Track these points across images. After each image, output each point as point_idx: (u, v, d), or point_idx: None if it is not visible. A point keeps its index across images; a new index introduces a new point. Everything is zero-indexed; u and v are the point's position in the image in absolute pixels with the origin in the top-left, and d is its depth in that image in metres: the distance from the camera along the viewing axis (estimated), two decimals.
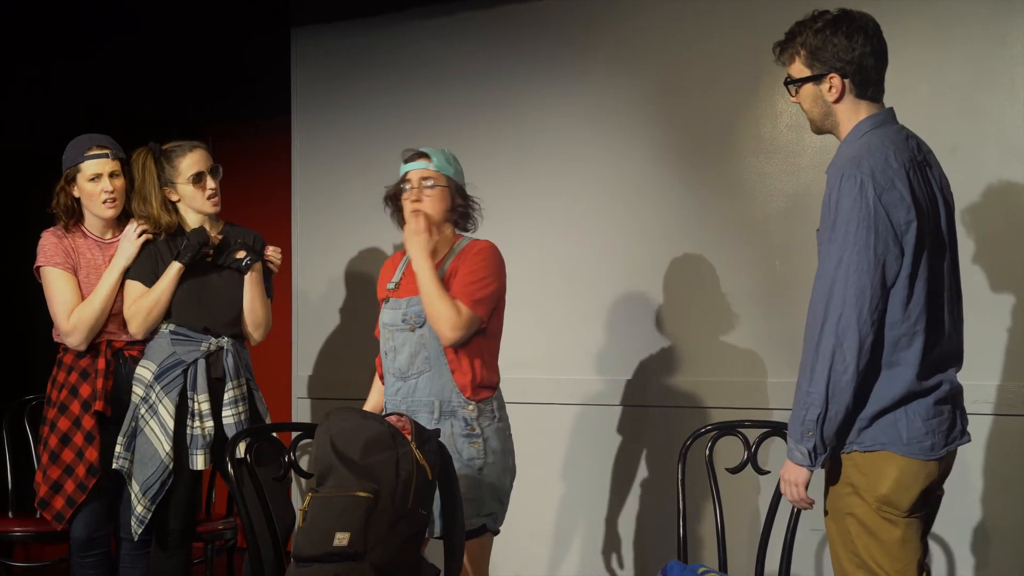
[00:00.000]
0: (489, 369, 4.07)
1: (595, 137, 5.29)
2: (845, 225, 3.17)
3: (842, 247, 3.17)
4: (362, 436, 3.51)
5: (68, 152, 4.53)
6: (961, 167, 4.56)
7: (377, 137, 5.81)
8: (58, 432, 4.47)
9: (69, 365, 4.53)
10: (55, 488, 4.45)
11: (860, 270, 3.15)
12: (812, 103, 3.40)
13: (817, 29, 3.34)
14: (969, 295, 4.52)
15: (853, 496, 3.27)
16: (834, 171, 3.26)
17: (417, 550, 3.54)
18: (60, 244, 4.52)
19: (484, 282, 4.01)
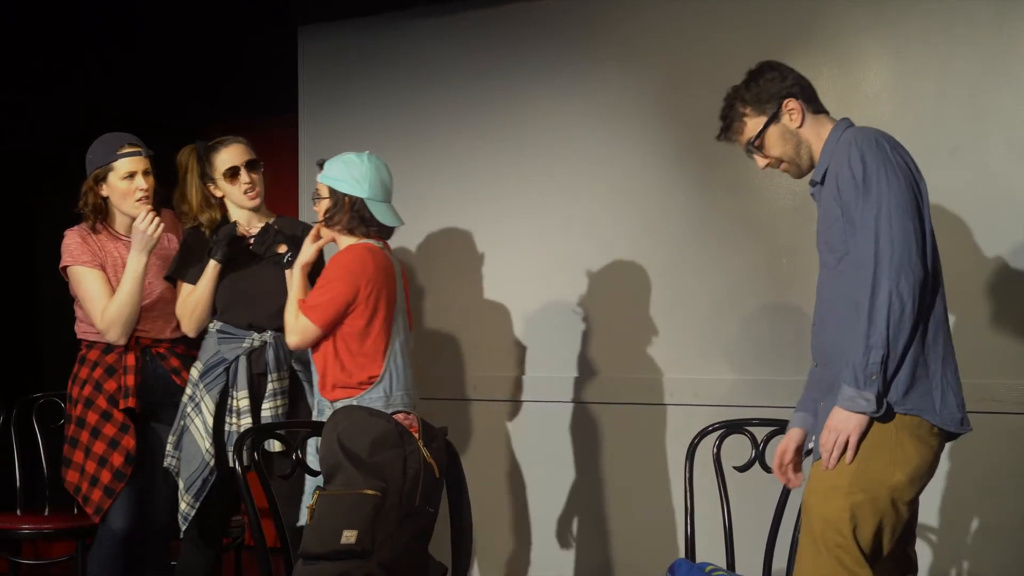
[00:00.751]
0: (347, 371, 4.11)
1: (600, 136, 5.28)
2: (876, 177, 3.26)
3: (878, 197, 3.25)
4: (369, 434, 3.51)
5: (96, 151, 4.47)
6: (967, 166, 4.57)
7: (383, 135, 5.80)
8: (87, 427, 4.42)
9: (94, 361, 4.48)
10: (92, 482, 4.39)
11: (901, 212, 3.23)
12: (782, 142, 3.53)
13: (747, 83, 3.57)
14: (976, 293, 4.53)
15: (894, 466, 3.25)
16: (842, 150, 3.36)
17: (424, 548, 3.55)
18: (85, 243, 4.48)
19: (322, 288, 4.11)
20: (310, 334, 4.09)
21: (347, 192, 4.13)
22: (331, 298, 4.06)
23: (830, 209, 3.40)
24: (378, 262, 4.13)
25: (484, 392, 5.54)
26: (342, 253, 4.13)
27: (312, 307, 4.07)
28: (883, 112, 4.71)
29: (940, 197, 4.60)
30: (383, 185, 4.19)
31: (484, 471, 5.53)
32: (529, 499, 5.48)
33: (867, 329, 3.19)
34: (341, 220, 4.15)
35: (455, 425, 5.52)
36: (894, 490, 3.24)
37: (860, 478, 3.24)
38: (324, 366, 4.13)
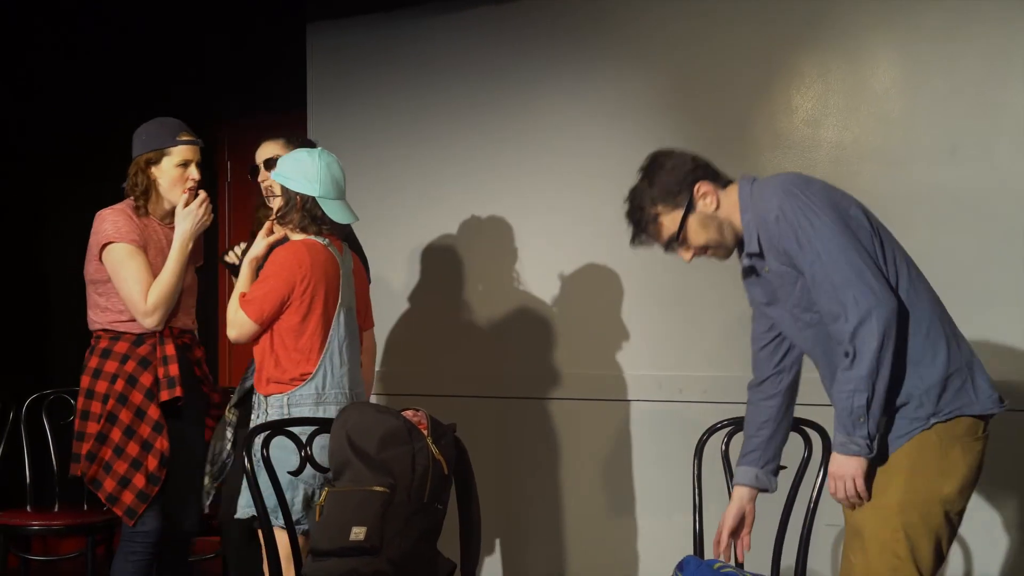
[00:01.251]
0: (281, 366, 4.10)
1: (609, 134, 5.29)
2: (800, 228, 3.22)
3: (811, 247, 3.21)
4: (378, 431, 3.52)
5: (152, 133, 4.38)
6: (975, 163, 4.56)
7: (391, 131, 5.81)
8: (120, 424, 4.30)
9: (123, 354, 4.35)
10: (123, 483, 4.28)
11: (839, 249, 3.19)
12: (704, 230, 3.42)
13: (649, 180, 3.45)
14: (982, 290, 4.53)
15: (943, 478, 3.24)
16: (761, 214, 3.31)
17: (433, 545, 3.55)
18: (132, 221, 4.35)
19: (259, 284, 4.11)
20: (247, 328, 4.09)
21: (298, 191, 4.11)
22: (265, 293, 4.06)
23: (786, 274, 3.34)
24: (316, 258, 4.09)
25: (492, 389, 5.55)
26: (281, 249, 4.12)
27: (248, 301, 4.08)
28: (892, 109, 4.71)
29: (947, 194, 4.61)
30: (335, 182, 4.15)
31: (493, 468, 5.53)
32: (537, 496, 5.48)
33: (848, 373, 3.17)
34: (293, 218, 4.13)
35: (464, 422, 5.53)
36: (945, 502, 3.23)
37: (910, 496, 3.22)
38: (261, 360, 4.14)
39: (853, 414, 3.18)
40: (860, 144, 4.77)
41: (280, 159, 4.20)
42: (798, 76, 4.90)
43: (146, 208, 4.41)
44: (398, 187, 5.71)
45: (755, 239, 3.36)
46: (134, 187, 4.38)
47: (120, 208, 4.40)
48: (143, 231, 4.38)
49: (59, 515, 5.20)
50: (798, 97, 4.88)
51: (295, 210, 4.11)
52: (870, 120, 4.76)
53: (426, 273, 5.72)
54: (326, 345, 4.11)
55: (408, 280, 5.71)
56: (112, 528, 5.12)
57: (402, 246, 5.75)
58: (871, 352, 3.14)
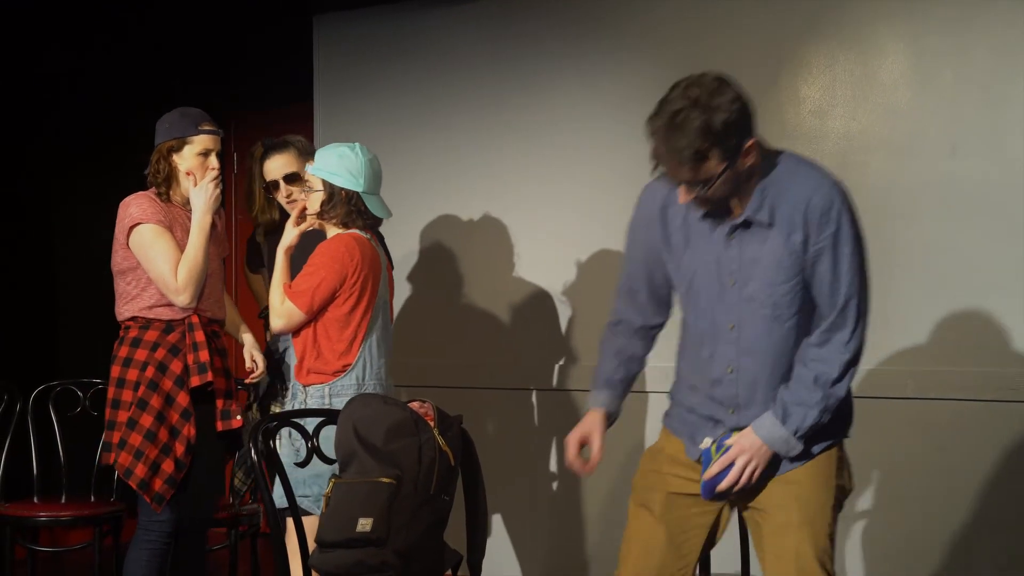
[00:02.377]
0: (323, 358, 4.15)
1: (617, 124, 5.28)
2: (849, 226, 3.13)
3: (848, 245, 3.14)
4: (384, 422, 3.52)
5: (174, 122, 4.39)
6: (984, 154, 4.56)
7: (398, 124, 5.82)
8: (151, 411, 4.29)
9: (153, 342, 4.34)
10: (153, 468, 4.28)
11: (863, 265, 3.19)
12: (726, 184, 3.11)
13: (708, 114, 3.07)
14: (993, 281, 4.52)
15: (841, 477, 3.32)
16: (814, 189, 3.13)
17: (440, 536, 3.55)
18: (155, 203, 4.36)
19: (309, 275, 4.13)
20: (295, 319, 4.14)
21: (344, 187, 4.16)
22: (317, 284, 4.10)
23: (772, 253, 3.16)
24: (365, 251, 4.17)
25: (499, 380, 5.55)
26: (331, 241, 4.17)
27: (299, 293, 4.11)
28: (900, 100, 4.70)
29: (954, 185, 4.60)
30: (377, 178, 4.25)
31: (500, 459, 5.54)
32: (544, 487, 5.49)
33: (828, 390, 3.16)
34: (338, 213, 4.18)
35: (470, 413, 5.53)
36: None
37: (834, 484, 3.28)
38: (303, 351, 4.18)
39: (806, 421, 3.16)
40: (867, 135, 4.76)
41: (319, 153, 4.23)
42: (805, 67, 4.89)
43: (168, 195, 4.42)
44: (405, 178, 5.71)
45: (766, 209, 3.13)
46: (156, 175, 4.40)
47: (143, 194, 4.41)
48: (168, 213, 4.38)
49: (66, 506, 5.21)
50: (805, 88, 4.87)
51: (340, 205, 4.18)
52: (877, 111, 4.76)
53: (432, 264, 5.73)
54: (366, 338, 4.18)
55: (414, 271, 5.71)
56: (119, 519, 5.13)
57: (409, 238, 5.76)
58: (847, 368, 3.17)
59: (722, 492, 3.21)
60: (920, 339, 4.64)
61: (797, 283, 3.15)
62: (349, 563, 3.41)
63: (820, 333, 3.16)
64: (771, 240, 3.15)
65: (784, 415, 3.17)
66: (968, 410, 4.55)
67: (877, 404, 4.70)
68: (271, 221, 4.74)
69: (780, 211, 3.13)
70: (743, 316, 3.22)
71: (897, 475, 4.68)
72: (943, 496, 4.60)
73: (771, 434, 3.18)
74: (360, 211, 4.20)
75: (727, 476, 3.19)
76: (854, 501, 4.75)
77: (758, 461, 3.19)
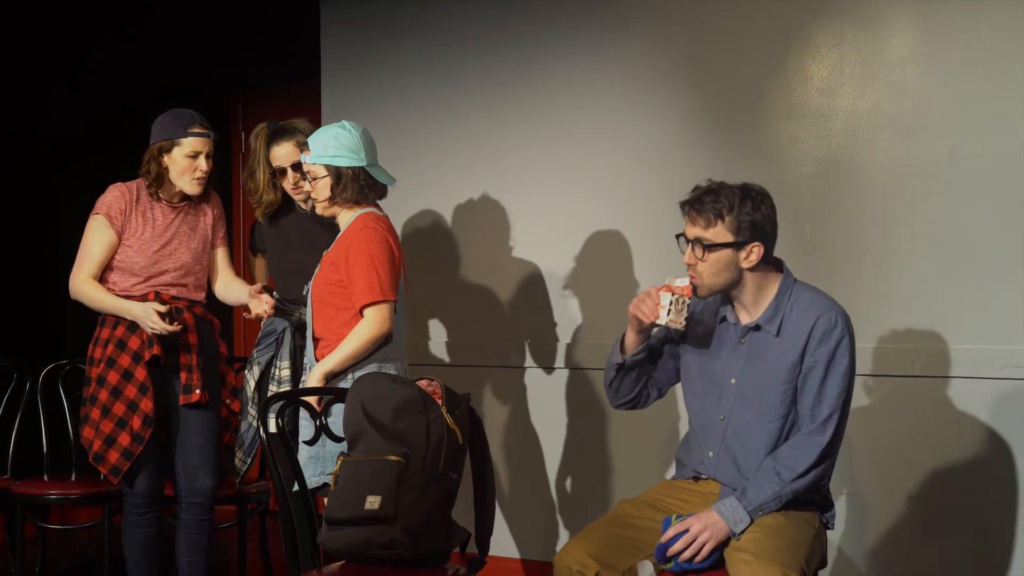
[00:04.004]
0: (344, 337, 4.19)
1: (624, 103, 5.27)
2: (846, 357, 3.53)
3: (839, 375, 3.52)
4: (393, 400, 3.53)
5: (166, 123, 4.52)
6: (992, 133, 4.54)
7: (406, 103, 5.81)
8: (108, 386, 4.50)
9: (115, 321, 4.55)
10: (108, 442, 4.47)
11: (846, 393, 3.55)
12: (723, 271, 3.58)
13: (744, 199, 3.52)
14: (1004, 259, 4.51)
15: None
16: (824, 311, 3.54)
17: (448, 514, 3.56)
18: (122, 199, 4.57)
19: (361, 273, 4.14)
20: (386, 312, 4.11)
21: (348, 165, 4.16)
22: (375, 272, 4.10)
23: (776, 361, 3.54)
24: (389, 226, 4.22)
25: (507, 358, 5.56)
26: (360, 231, 4.14)
27: (369, 294, 4.08)
28: (908, 77, 4.69)
29: (963, 163, 4.59)
30: (373, 148, 4.26)
31: (507, 438, 5.55)
32: (552, 465, 5.50)
33: (788, 486, 3.45)
34: (348, 194, 4.19)
35: (478, 391, 5.55)
36: None
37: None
38: (323, 330, 4.20)
39: (761, 503, 3.44)
40: (875, 113, 4.75)
41: (312, 141, 4.23)
42: (813, 45, 4.88)
43: (157, 194, 4.60)
44: (413, 158, 5.71)
45: (777, 320, 3.55)
46: (147, 173, 4.56)
47: (125, 185, 4.61)
48: (135, 210, 4.57)
49: (76, 484, 5.23)
50: (813, 66, 4.86)
51: (350, 184, 4.18)
52: (885, 89, 4.75)
53: (439, 244, 5.73)
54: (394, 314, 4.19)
55: (421, 250, 5.72)
56: None
57: (416, 217, 5.76)
58: (810, 470, 3.47)
59: (672, 556, 3.42)
60: (926, 317, 4.64)
61: (788, 389, 3.52)
62: (358, 540, 3.42)
63: (798, 436, 3.50)
64: (775, 348, 3.55)
65: (742, 494, 3.46)
66: (974, 388, 4.55)
67: (882, 382, 4.71)
68: (273, 202, 4.76)
69: (789, 324, 3.54)
70: (734, 411, 3.59)
71: (902, 453, 4.69)
72: (949, 474, 4.61)
73: (726, 507, 3.44)
74: (369, 184, 4.21)
75: (679, 541, 3.42)
76: (860, 478, 4.75)
77: (711, 534, 3.42)
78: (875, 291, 4.72)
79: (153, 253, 4.57)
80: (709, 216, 3.50)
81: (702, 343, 3.70)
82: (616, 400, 3.87)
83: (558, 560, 3.51)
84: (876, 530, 4.74)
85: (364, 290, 4.09)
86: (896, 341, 4.68)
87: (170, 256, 4.59)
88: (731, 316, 3.65)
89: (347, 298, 4.13)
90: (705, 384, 3.67)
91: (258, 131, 4.75)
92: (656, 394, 3.88)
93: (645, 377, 3.82)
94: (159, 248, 4.58)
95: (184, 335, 4.56)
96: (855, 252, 4.78)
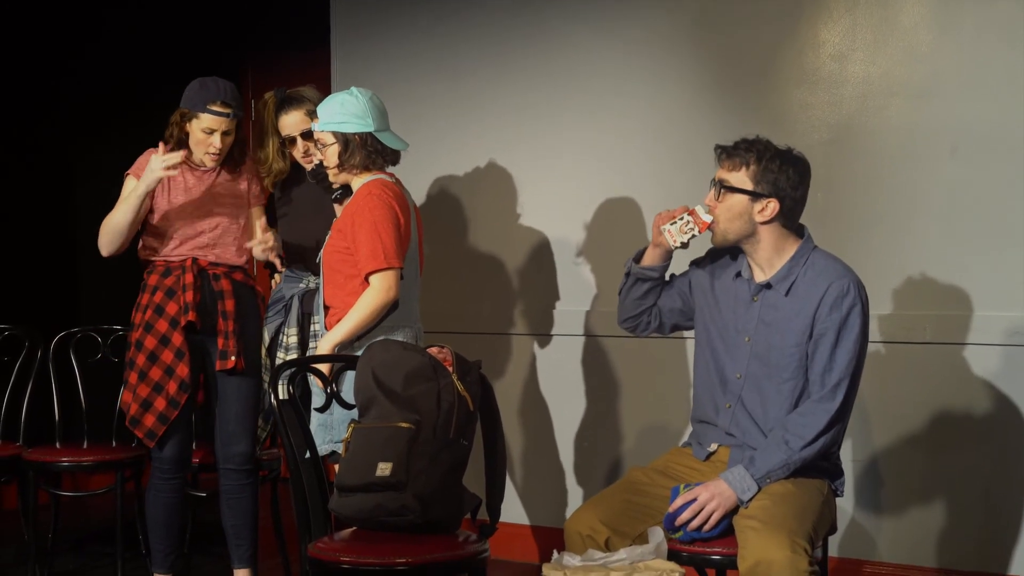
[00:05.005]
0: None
1: (634, 70, 5.25)
2: (858, 325, 3.53)
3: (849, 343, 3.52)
4: (403, 367, 3.53)
5: (194, 91, 4.51)
6: (1005, 99, 4.52)
7: (415, 68, 5.79)
8: (145, 351, 4.52)
9: (154, 286, 4.57)
10: (145, 406, 4.49)
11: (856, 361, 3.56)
12: (735, 217, 3.63)
13: (774, 157, 3.60)
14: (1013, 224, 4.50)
15: None
16: (839, 278, 3.55)
17: (459, 480, 3.57)
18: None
19: (366, 240, 4.13)
20: (391, 280, 4.10)
21: (356, 131, 4.15)
22: (379, 239, 4.08)
23: (786, 323, 3.56)
24: (396, 193, 4.20)
25: (518, 326, 5.56)
26: (365, 198, 4.13)
27: (375, 261, 4.07)
28: (921, 42, 4.66)
29: (975, 129, 4.57)
30: (383, 114, 4.24)
31: (518, 405, 5.56)
32: (563, 432, 5.51)
33: (797, 454, 3.46)
34: (356, 160, 4.18)
35: (489, 358, 5.54)
36: None
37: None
38: (334, 297, 4.20)
39: (769, 471, 3.45)
40: (888, 79, 4.73)
41: (320, 109, 4.22)
42: (825, 10, 4.85)
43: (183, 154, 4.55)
44: (424, 124, 5.69)
45: (789, 281, 3.57)
46: (170, 137, 4.56)
47: (154, 151, 4.56)
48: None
49: (88, 451, 5.25)
50: (825, 32, 4.84)
51: (357, 150, 4.18)
52: (898, 54, 4.72)
53: (449, 210, 5.72)
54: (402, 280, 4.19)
55: (431, 218, 5.71)
56: (141, 464, 5.17)
57: (425, 184, 5.75)
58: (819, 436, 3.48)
59: (681, 525, 3.43)
60: (938, 283, 4.62)
61: (800, 353, 3.54)
62: (369, 507, 3.43)
63: (807, 404, 3.51)
64: (785, 309, 3.57)
65: (749, 462, 3.48)
66: (987, 354, 4.54)
67: (894, 348, 4.70)
68: (282, 170, 4.75)
69: (800, 287, 3.56)
70: (750, 369, 3.61)
71: (914, 419, 4.68)
72: (961, 440, 4.61)
73: (734, 475, 3.45)
74: (378, 150, 4.20)
75: (687, 510, 3.43)
76: (871, 444, 4.75)
77: (719, 502, 3.43)
78: (887, 257, 4.71)
79: (187, 213, 4.57)
80: (736, 160, 3.60)
81: (716, 298, 3.73)
82: (620, 315, 3.96)
83: (569, 526, 3.52)
84: (887, 496, 4.75)
85: (368, 257, 4.08)
86: (909, 307, 4.67)
87: (205, 217, 4.59)
88: (745, 272, 3.68)
89: (355, 265, 4.13)
90: (721, 341, 3.69)
91: (266, 100, 4.74)
92: (656, 324, 3.91)
93: (651, 301, 3.87)
94: (192, 209, 4.58)
95: (221, 301, 4.56)
96: (867, 219, 4.76)
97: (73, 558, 5.73)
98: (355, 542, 3.48)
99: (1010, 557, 4.53)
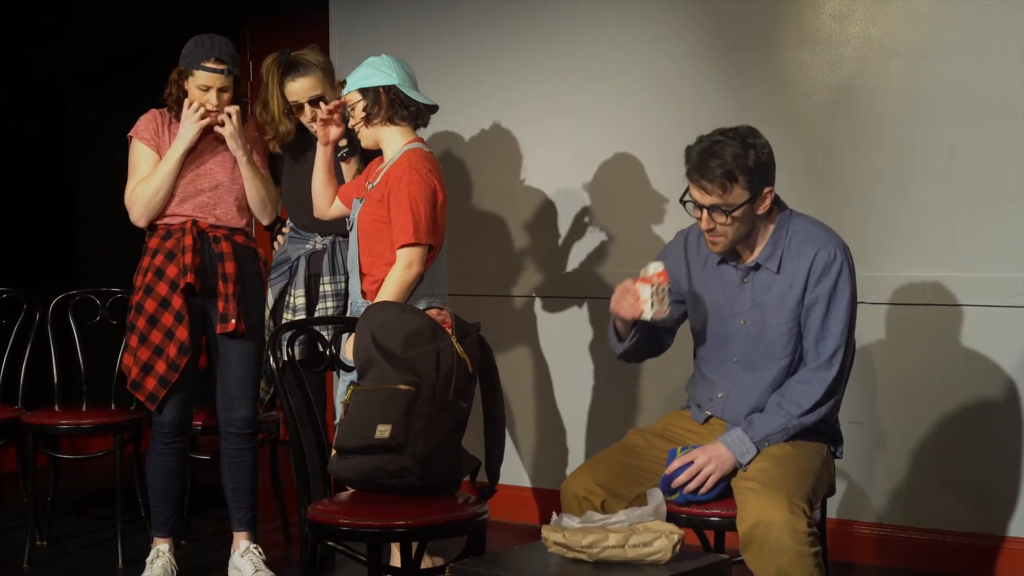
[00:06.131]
0: None
1: (631, 32, 5.23)
2: (847, 286, 3.51)
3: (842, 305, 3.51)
4: (403, 329, 3.52)
5: (190, 49, 4.49)
6: (1005, 59, 4.50)
7: (415, 32, 5.76)
8: (145, 314, 4.51)
9: (154, 249, 4.55)
10: (146, 369, 4.50)
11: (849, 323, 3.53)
12: (741, 223, 3.52)
13: (744, 150, 3.45)
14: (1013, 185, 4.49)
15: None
16: (822, 245, 3.51)
17: (458, 442, 3.57)
18: (153, 122, 4.58)
19: (400, 214, 4.10)
20: (416, 254, 4.06)
21: (378, 83, 4.12)
22: (422, 212, 4.06)
23: (779, 300, 3.53)
24: (436, 165, 4.18)
25: (520, 287, 5.55)
26: (406, 171, 4.09)
27: (407, 232, 4.04)
28: (920, 4, 4.65)
29: (975, 90, 4.55)
30: (409, 75, 4.22)
31: (517, 367, 5.56)
32: (562, 395, 5.51)
33: (795, 420, 3.46)
34: (380, 111, 4.15)
35: (491, 320, 5.54)
36: None
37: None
38: (370, 264, 4.17)
39: (768, 434, 3.45)
40: (888, 39, 4.71)
41: (350, 77, 4.20)
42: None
43: (178, 115, 4.56)
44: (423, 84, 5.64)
45: (777, 258, 3.53)
46: (168, 95, 4.56)
47: (154, 111, 4.61)
48: (162, 133, 4.58)
49: (87, 414, 5.25)
50: None
51: (380, 103, 4.15)
52: (898, 15, 4.70)
53: (450, 172, 5.70)
54: (440, 250, 4.20)
55: None
56: (140, 427, 5.18)
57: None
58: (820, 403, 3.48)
59: (677, 487, 3.43)
60: (938, 245, 4.62)
61: (793, 327, 3.51)
62: (368, 469, 3.43)
63: (804, 371, 3.51)
64: (776, 287, 3.53)
65: (748, 425, 3.48)
66: (986, 316, 4.54)
67: (893, 310, 4.70)
68: (288, 132, 4.70)
69: (788, 261, 3.52)
70: (747, 351, 3.57)
71: (913, 381, 4.69)
72: (959, 401, 4.61)
73: (732, 438, 3.45)
74: (401, 101, 4.16)
75: (683, 472, 3.43)
76: (870, 406, 4.76)
77: (716, 466, 3.43)
78: (887, 219, 4.70)
79: (186, 171, 4.54)
80: (724, 183, 3.42)
81: (707, 285, 3.67)
82: (632, 362, 3.90)
83: (565, 488, 3.52)
84: (886, 458, 4.75)
85: (400, 231, 4.06)
86: (908, 269, 4.67)
87: (205, 175, 4.57)
88: (730, 256, 3.61)
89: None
90: (715, 327, 3.65)
91: (269, 63, 4.65)
92: (670, 339, 3.84)
93: (651, 339, 3.77)
94: (192, 167, 4.55)
95: (221, 263, 4.55)
96: (867, 180, 4.75)
97: (72, 521, 5.75)
98: (354, 504, 3.49)
99: (1008, 519, 4.54)
